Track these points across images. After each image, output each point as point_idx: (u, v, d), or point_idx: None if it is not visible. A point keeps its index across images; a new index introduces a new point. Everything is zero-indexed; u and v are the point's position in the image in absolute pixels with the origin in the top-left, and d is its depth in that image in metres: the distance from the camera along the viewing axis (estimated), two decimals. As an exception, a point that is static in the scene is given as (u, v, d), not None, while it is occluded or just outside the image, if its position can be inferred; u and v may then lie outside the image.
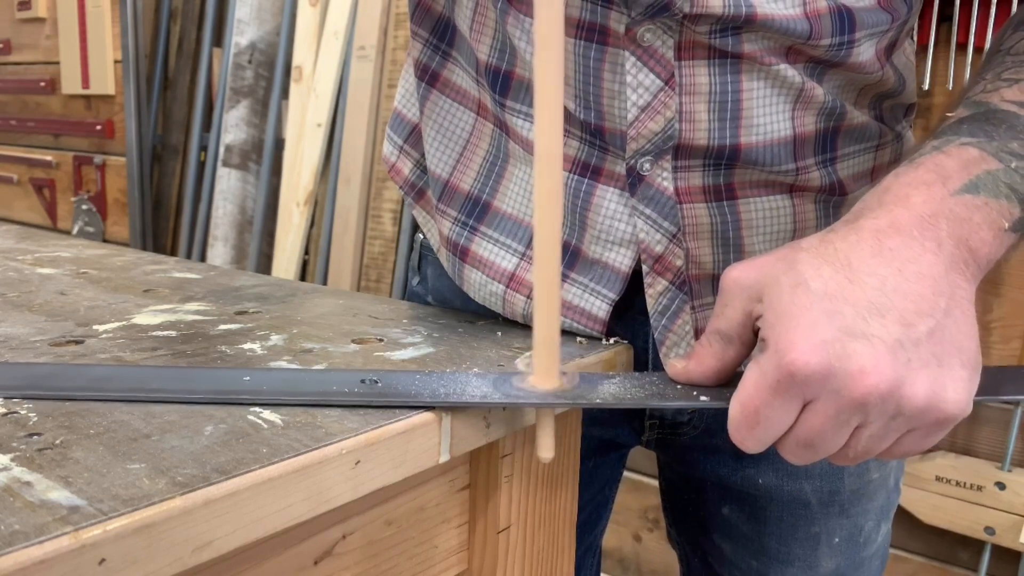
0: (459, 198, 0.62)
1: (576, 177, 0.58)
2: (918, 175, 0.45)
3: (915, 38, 1.30)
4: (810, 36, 0.52)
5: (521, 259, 0.61)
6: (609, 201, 0.57)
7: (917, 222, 0.43)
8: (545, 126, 0.44)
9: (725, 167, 0.56)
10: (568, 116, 0.56)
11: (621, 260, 0.58)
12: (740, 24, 0.51)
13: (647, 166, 0.55)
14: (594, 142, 0.57)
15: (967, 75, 1.27)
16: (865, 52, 0.55)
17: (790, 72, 0.54)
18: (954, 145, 0.46)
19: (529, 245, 0.60)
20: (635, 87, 0.53)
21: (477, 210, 0.62)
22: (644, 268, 0.58)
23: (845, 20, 0.53)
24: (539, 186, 0.45)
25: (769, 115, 0.55)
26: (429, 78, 0.64)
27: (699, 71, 0.53)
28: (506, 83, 0.58)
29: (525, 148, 0.59)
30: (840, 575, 0.69)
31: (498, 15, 0.57)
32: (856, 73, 0.56)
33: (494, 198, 0.61)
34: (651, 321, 0.59)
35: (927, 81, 1.31)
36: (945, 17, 1.29)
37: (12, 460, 0.37)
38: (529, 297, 0.60)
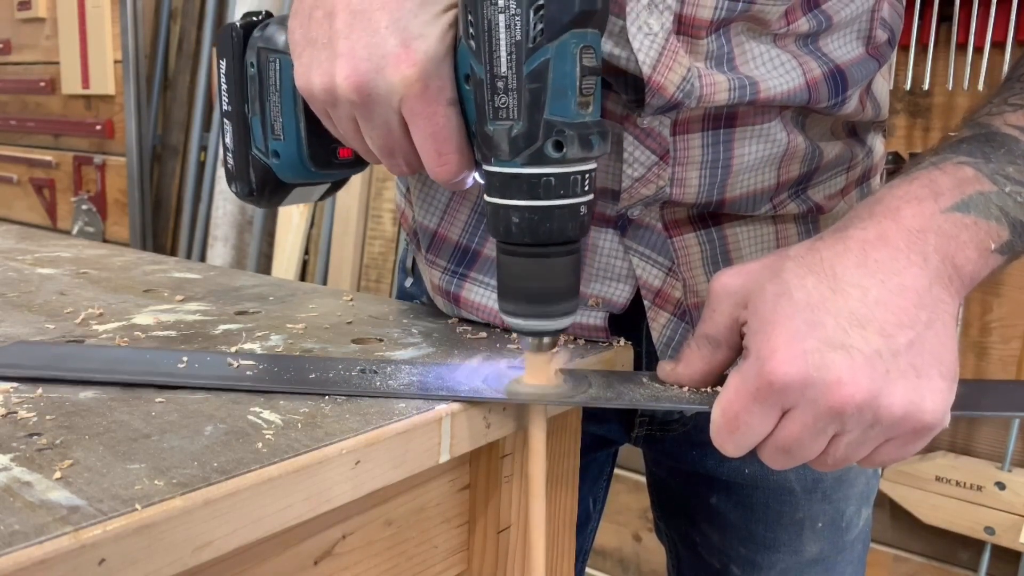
0: (448, 248, 0.63)
1: None
2: (911, 189, 0.46)
3: (915, 38, 1.30)
4: (808, 102, 0.54)
5: None
6: (605, 240, 0.58)
7: (905, 235, 0.43)
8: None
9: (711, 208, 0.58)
10: None
11: (619, 294, 0.59)
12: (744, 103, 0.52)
13: (636, 212, 0.57)
14: None
15: (967, 75, 1.27)
16: (852, 103, 0.57)
17: (777, 128, 0.55)
18: (950, 163, 0.47)
19: None
20: (631, 162, 0.55)
21: (467, 258, 0.62)
22: (646, 303, 0.59)
23: (839, 82, 0.55)
24: None
25: (756, 173, 0.57)
26: None
27: (693, 143, 0.55)
28: None
29: None
30: (824, 559, 0.71)
31: None
32: (840, 118, 0.58)
33: (484, 247, 0.62)
34: (657, 353, 0.60)
35: (927, 81, 1.31)
36: (945, 17, 1.29)
37: (12, 460, 0.37)
38: None
